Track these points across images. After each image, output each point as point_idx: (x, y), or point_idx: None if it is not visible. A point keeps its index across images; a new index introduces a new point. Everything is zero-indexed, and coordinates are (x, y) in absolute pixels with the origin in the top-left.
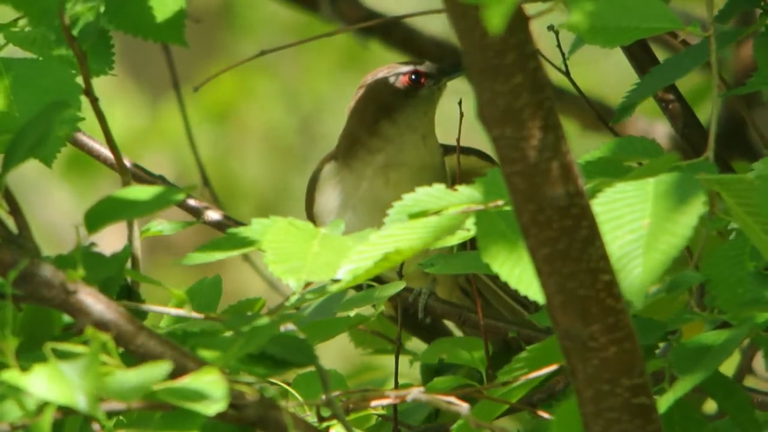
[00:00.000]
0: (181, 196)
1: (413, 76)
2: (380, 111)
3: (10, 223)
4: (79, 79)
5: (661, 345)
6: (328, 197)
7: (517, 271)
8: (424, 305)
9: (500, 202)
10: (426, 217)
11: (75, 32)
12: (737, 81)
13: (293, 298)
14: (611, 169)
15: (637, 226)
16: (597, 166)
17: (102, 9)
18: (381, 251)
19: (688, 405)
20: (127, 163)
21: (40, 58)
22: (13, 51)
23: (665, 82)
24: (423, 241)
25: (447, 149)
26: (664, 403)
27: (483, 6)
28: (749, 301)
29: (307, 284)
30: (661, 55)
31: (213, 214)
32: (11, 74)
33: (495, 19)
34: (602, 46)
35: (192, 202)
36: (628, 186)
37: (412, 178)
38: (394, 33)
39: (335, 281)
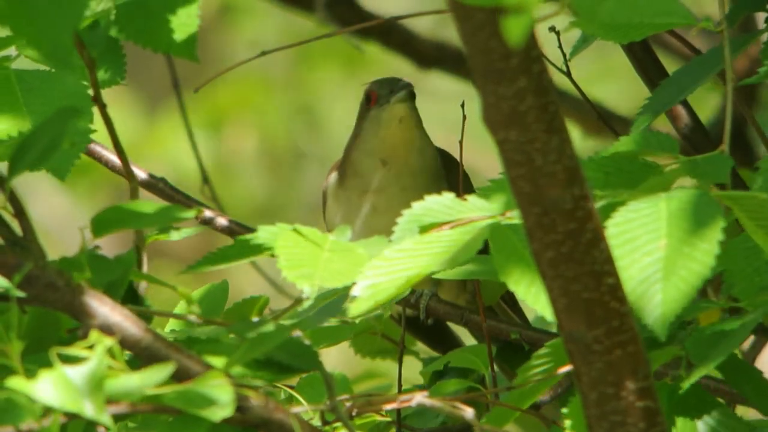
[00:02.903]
0: (189, 214)
1: (366, 97)
2: (353, 134)
3: (15, 225)
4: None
5: None
6: (334, 212)
7: (534, 290)
8: (426, 306)
9: (510, 213)
10: (436, 228)
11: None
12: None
13: (306, 304)
14: (627, 165)
15: (654, 248)
16: (614, 162)
17: (112, 17)
18: (396, 267)
19: (702, 389)
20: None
21: (52, 70)
22: (23, 60)
23: (678, 96)
24: (438, 259)
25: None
26: (679, 389)
27: (503, 19)
28: (765, 287)
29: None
30: (661, 55)
31: (220, 220)
32: (23, 86)
33: (515, 33)
34: (614, 43)
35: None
36: (641, 204)
37: (399, 204)
38: (393, 35)
39: (352, 298)
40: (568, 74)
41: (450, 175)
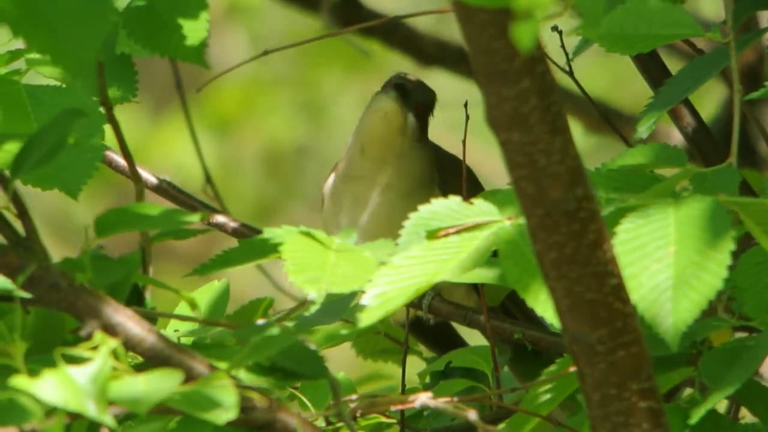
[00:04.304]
0: (193, 218)
1: (386, 81)
2: None
3: (19, 226)
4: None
5: None
6: (327, 209)
7: (543, 297)
8: (428, 305)
9: (518, 218)
10: (442, 232)
11: None
12: (741, 82)
13: (313, 309)
14: (636, 179)
15: (663, 254)
16: (622, 175)
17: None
18: (405, 275)
19: (718, 412)
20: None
21: (63, 85)
22: (32, 74)
23: (681, 94)
24: (447, 266)
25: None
26: (696, 414)
27: (512, 24)
28: None
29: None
30: (663, 54)
31: (231, 223)
32: (33, 100)
33: (525, 40)
34: (621, 54)
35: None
36: (650, 210)
37: (377, 201)
38: (394, 34)
39: (362, 307)
40: (571, 74)
41: (447, 182)
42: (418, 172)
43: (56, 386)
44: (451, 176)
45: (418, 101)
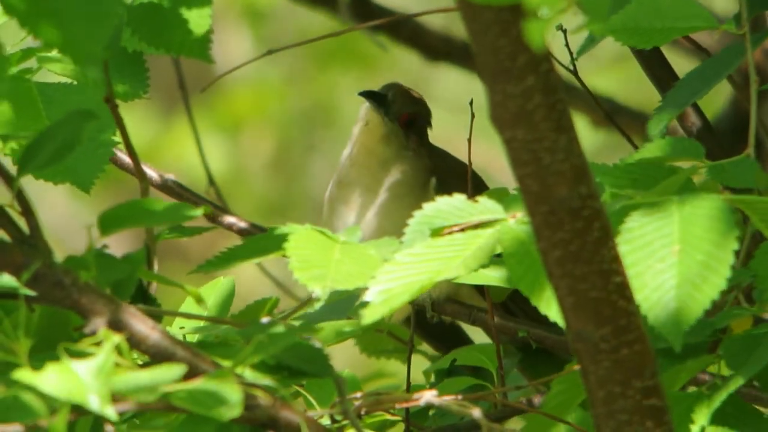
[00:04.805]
0: (197, 212)
1: None
2: None
3: (23, 224)
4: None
5: None
6: (325, 214)
7: (547, 295)
8: (432, 304)
9: (519, 215)
10: (447, 230)
11: None
12: (745, 80)
13: (318, 305)
14: (654, 171)
15: (667, 253)
16: (640, 168)
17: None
18: (409, 272)
19: (741, 398)
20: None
21: (74, 82)
22: (44, 72)
23: (692, 97)
24: (451, 263)
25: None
26: (717, 398)
27: (524, 22)
28: None
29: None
30: (665, 50)
31: (240, 223)
32: (44, 98)
33: (536, 37)
34: (636, 48)
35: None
36: (655, 209)
37: (376, 207)
38: (401, 29)
39: (366, 303)
40: (575, 73)
41: (448, 187)
42: (408, 178)
43: (59, 379)
44: (452, 181)
45: (404, 111)
